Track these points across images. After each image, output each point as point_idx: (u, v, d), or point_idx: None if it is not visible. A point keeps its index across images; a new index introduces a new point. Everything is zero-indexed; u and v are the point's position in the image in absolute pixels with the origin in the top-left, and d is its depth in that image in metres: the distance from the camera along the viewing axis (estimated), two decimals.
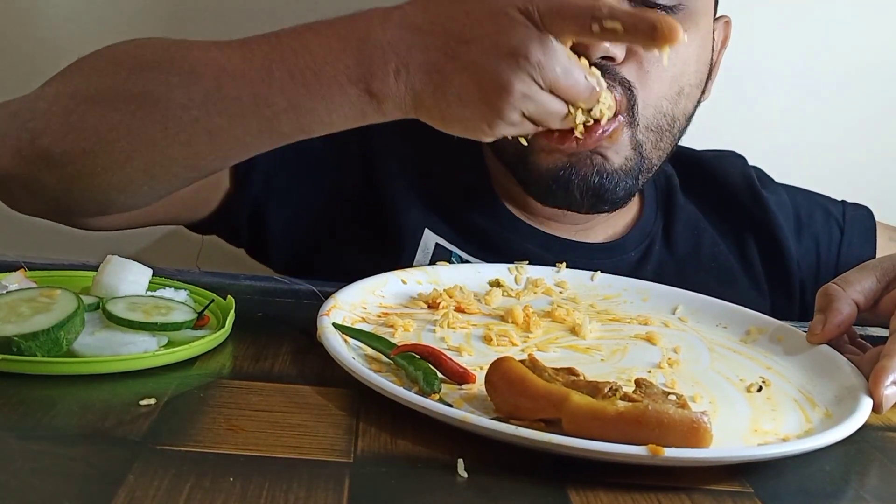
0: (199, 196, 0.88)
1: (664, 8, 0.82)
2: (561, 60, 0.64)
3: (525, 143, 0.79)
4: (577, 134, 0.72)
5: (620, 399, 0.52)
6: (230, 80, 0.68)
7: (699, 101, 0.90)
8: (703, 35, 0.87)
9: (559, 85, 0.65)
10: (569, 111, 0.68)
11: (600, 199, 0.85)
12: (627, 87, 0.81)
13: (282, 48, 0.68)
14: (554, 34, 0.63)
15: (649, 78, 0.82)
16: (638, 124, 0.83)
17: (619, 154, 0.83)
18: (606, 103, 0.70)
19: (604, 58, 0.78)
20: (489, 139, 0.68)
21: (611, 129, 0.81)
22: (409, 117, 0.68)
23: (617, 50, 0.79)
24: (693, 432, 0.50)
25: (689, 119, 0.89)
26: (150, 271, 0.68)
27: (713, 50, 0.90)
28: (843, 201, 1.05)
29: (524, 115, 0.65)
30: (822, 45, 1.20)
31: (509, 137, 0.70)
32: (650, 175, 0.88)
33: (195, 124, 0.68)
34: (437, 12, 0.65)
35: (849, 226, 1.02)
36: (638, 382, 0.56)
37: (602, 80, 0.69)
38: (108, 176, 0.71)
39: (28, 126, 0.71)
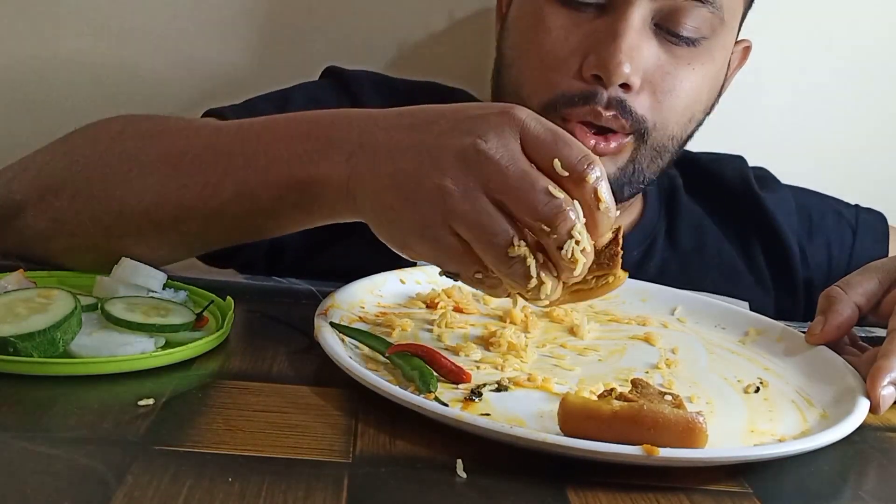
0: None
1: (686, 40, 0.82)
2: (521, 163, 0.55)
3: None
4: (530, 285, 0.55)
5: (616, 399, 0.52)
6: (189, 170, 0.67)
7: (703, 120, 0.91)
8: (719, 66, 0.87)
9: (508, 187, 0.54)
10: (512, 242, 0.54)
11: None
12: (641, 122, 0.82)
13: (245, 134, 0.67)
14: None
15: (662, 108, 0.83)
16: (646, 143, 0.84)
17: (615, 164, 0.84)
18: (581, 245, 0.54)
19: (621, 86, 0.79)
20: (406, 254, 0.61)
21: (622, 144, 0.81)
22: (345, 212, 0.64)
23: (635, 77, 0.80)
24: (688, 432, 0.50)
25: (690, 137, 0.90)
26: (163, 276, 0.67)
27: (726, 75, 0.91)
28: (856, 205, 1.05)
29: (453, 233, 0.56)
30: (823, 45, 1.20)
31: (441, 276, 0.60)
32: (641, 186, 0.89)
33: (145, 216, 0.68)
34: (414, 119, 0.60)
35: (861, 229, 1.02)
36: (634, 382, 0.56)
37: (580, 210, 0.54)
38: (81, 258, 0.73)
39: (9, 200, 0.74)
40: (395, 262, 0.87)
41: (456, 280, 0.60)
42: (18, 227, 0.74)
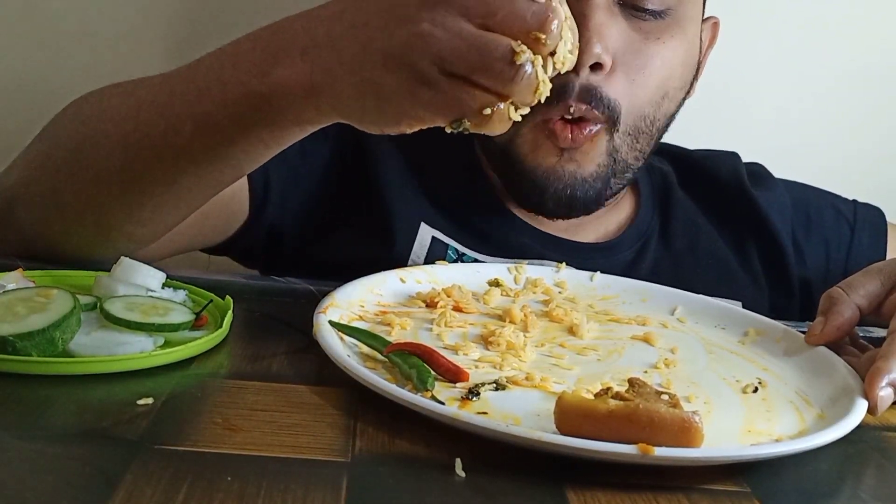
0: (218, 224, 0.88)
1: (653, 13, 0.82)
2: None
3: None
4: (538, 95, 0.54)
5: (612, 398, 0.52)
6: (147, 118, 0.67)
7: (683, 101, 0.90)
8: (691, 39, 0.87)
9: (490, 4, 0.51)
10: (512, 48, 0.51)
11: (573, 209, 0.87)
12: (613, 106, 0.81)
13: (195, 70, 0.66)
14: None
15: (635, 86, 0.83)
16: (617, 130, 0.83)
17: (592, 161, 0.84)
18: (567, 46, 0.54)
19: (592, 67, 0.79)
20: (405, 125, 0.57)
21: (595, 131, 0.81)
22: (314, 115, 0.60)
23: (606, 56, 0.79)
24: (684, 431, 0.50)
25: (670, 118, 0.90)
26: (162, 275, 0.67)
27: (700, 51, 0.91)
28: (854, 200, 1.05)
29: (446, 71, 0.52)
30: (818, 44, 1.20)
31: (449, 131, 0.56)
32: (628, 175, 0.89)
33: (119, 175, 0.69)
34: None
35: (859, 225, 1.02)
36: (631, 382, 0.56)
37: (561, 11, 0.53)
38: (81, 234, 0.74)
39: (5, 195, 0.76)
40: (391, 252, 0.88)
41: (461, 128, 0.55)
42: (17, 222, 0.75)
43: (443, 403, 0.54)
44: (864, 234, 1.01)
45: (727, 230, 1.00)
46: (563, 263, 0.85)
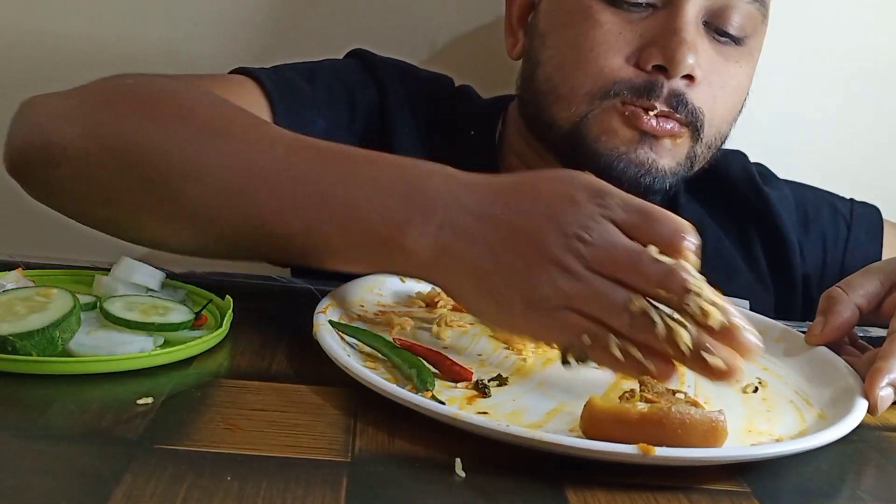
0: None
1: (734, 38, 0.84)
2: (624, 240, 0.56)
3: None
4: (660, 332, 0.54)
5: (639, 402, 0.52)
6: (254, 179, 0.63)
7: None
8: (755, 66, 0.89)
9: (618, 263, 0.55)
10: (630, 298, 0.54)
11: (644, 195, 0.85)
12: (698, 114, 0.83)
13: (322, 162, 0.63)
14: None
15: (717, 102, 0.84)
16: (701, 140, 0.85)
17: (673, 159, 0.84)
18: (704, 297, 0.54)
19: (683, 77, 0.80)
20: (513, 330, 0.61)
21: (678, 131, 0.83)
22: (417, 276, 0.62)
23: (699, 70, 0.81)
24: (712, 431, 0.51)
25: (726, 138, 0.91)
26: (162, 274, 0.67)
27: None
28: (851, 199, 1.05)
29: (566, 307, 0.55)
30: (818, 44, 1.20)
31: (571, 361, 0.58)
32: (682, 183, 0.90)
33: (204, 222, 0.64)
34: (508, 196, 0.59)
35: (856, 223, 1.02)
36: (642, 381, 0.56)
37: (692, 269, 0.56)
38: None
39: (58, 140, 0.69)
40: None
41: (583, 362, 0.57)
42: (58, 180, 0.70)
43: (443, 403, 0.54)
44: (861, 231, 1.02)
45: (734, 230, 1.00)
46: None
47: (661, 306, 0.55)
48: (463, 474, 0.49)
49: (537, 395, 0.59)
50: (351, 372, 0.56)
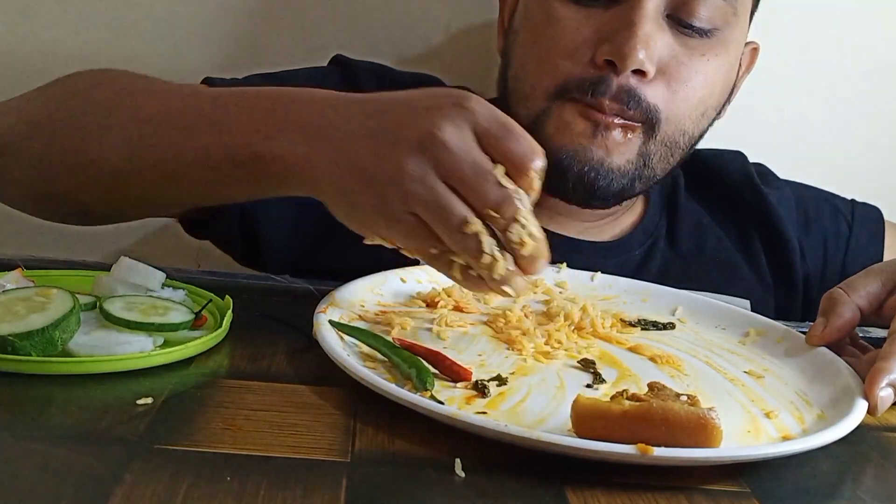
0: None
1: (699, 31, 0.83)
2: (474, 154, 0.58)
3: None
4: (484, 260, 0.58)
5: (627, 399, 0.52)
6: (161, 130, 0.70)
7: (713, 122, 0.91)
8: (732, 61, 0.88)
9: (463, 177, 0.57)
10: (466, 219, 0.57)
11: (592, 195, 0.85)
12: (652, 111, 0.82)
13: (215, 103, 0.69)
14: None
15: (676, 98, 0.83)
16: (655, 138, 0.84)
17: (622, 156, 0.83)
18: (528, 230, 0.58)
19: (635, 72, 0.80)
20: (369, 233, 0.63)
21: (630, 127, 0.82)
22: (293, 188, 0.66)
23: (649, 65, 0.80)
24: (701, 429, 0.50)
25: (701, 136, 0.90)
26: (162, 275, 0.68)
27: (737, 75, 0.91)
28: (852, 200, 1.05)
29: (410, 212, 0.58)
30: (818, 44, 1.20)
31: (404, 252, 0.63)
32: (650, 184, 0.89)
33: (112, 171, 0.71)
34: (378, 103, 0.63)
35: (857, 223, 1.02)
36: (651, 385, 0.56)
37: (527, 201, 0.58)
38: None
39: None
40: (398, 258, 0.87)
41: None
42: (2, 169, 0.77)
43: (442, 403, 0.54)
44: (862, 232, 1.02)
45: (734, 230, 1.00)
46: (564, 263, 0.85)
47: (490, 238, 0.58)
48: (462, 474, 0.49)
49: (537, 395, 0.59)
50: (351, 372, 0.56)
